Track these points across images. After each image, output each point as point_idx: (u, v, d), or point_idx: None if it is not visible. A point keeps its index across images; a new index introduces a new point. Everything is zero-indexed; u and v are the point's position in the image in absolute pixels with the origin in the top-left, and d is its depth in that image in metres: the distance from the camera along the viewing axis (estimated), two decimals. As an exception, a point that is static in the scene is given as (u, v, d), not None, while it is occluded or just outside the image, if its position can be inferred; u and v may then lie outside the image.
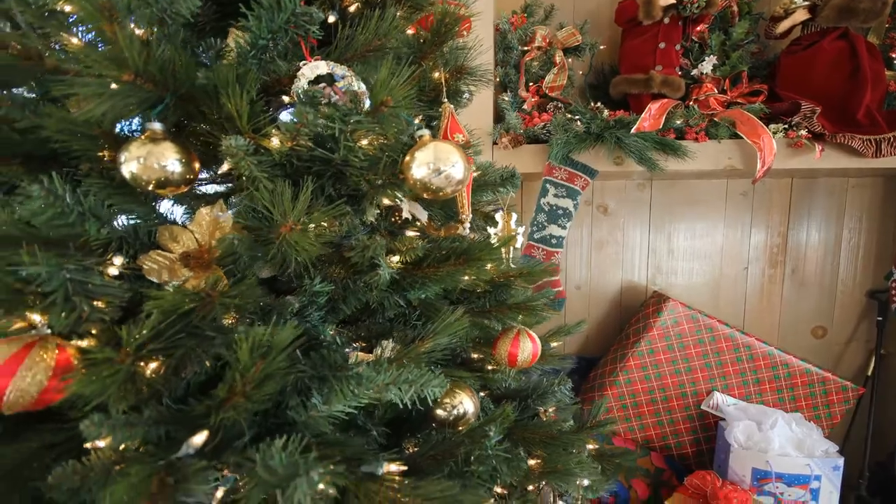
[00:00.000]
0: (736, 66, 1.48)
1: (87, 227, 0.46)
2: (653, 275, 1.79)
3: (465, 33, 0.71)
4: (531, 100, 1.52)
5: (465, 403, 0.69)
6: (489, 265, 0.74)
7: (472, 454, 0.59)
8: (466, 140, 0.67)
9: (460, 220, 0.71)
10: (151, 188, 0.49)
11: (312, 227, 0.51)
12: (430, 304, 0.75)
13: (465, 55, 0.77)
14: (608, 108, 1.43)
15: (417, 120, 0.73)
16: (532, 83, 1.54)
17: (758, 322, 1.76)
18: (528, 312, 0.76)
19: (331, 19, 0.64)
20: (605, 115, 1.39)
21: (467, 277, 0.69)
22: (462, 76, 0.76)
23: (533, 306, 0.76)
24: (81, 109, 0.46)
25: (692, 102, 1.44)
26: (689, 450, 1.55)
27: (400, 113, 0.53)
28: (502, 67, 1.55)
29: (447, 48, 0.71)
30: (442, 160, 0.52)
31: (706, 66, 1.47)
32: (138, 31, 0.50)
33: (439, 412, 0.69)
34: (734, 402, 1.50)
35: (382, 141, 0.55)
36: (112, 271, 0.48)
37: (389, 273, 0.61)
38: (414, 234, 0.71)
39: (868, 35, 1.43)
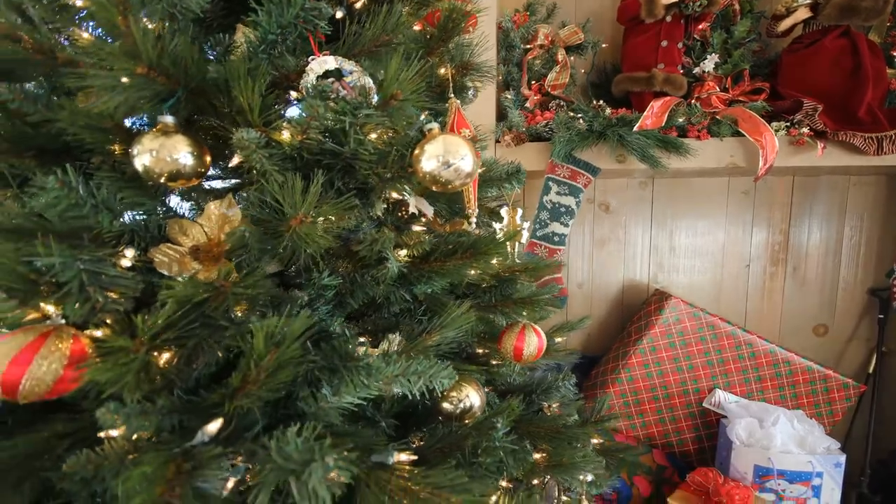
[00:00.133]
0: (738, 64, 1.48)
1: (100, 219, 0.46)
2: (654, 273, 1.79)
3: (471, 29, 0.71)
4: (533, 98, 1.53)
5: (472, 397, 0.70)
6: (495, 260, 0.74)
7: (479, 446, 0.59)
8: (473, 135, 0.67)
9: (466, 214, 0.72)
10: (163, 181, 0.49)
11: (321, 220, 0.52)
12: (436, 299, 0.75)
13: (471, 51, 0.77)
14: (610, 106, 1.43)
15: (423, 115, 0.73)
16: (534, 81, 1.55)
17: (759, 320, 1.76)
18: (534, 307, 0.76)
19: (338, 15, 0.65)
20: (607, 113, 1.40)
21: (473, 272, 0.69)
22: (468, 72, 0.76)
23: (538, 301, 0.76)
24: (93, 103, 0.47)
25: (694, 100, 1.44)
26: (691, 447, 1.55)
27: (409, 106, 0.53)
28: (505, 65, 1.55)
29: (453, 44, 0.72)
30: (451, 153, 0.52)
31: (708, 65, 1.47)
32: (150, 26, 0.51)
33: (446, 406, 0.69)
34: (736, 400, 1.50)
35: (391, 135, 0.56)
36: (124, 263, 0.48)
37: (397, 266, 0.61)
38: (420, 230, 0.71)
39: (869, 33, 1.44)
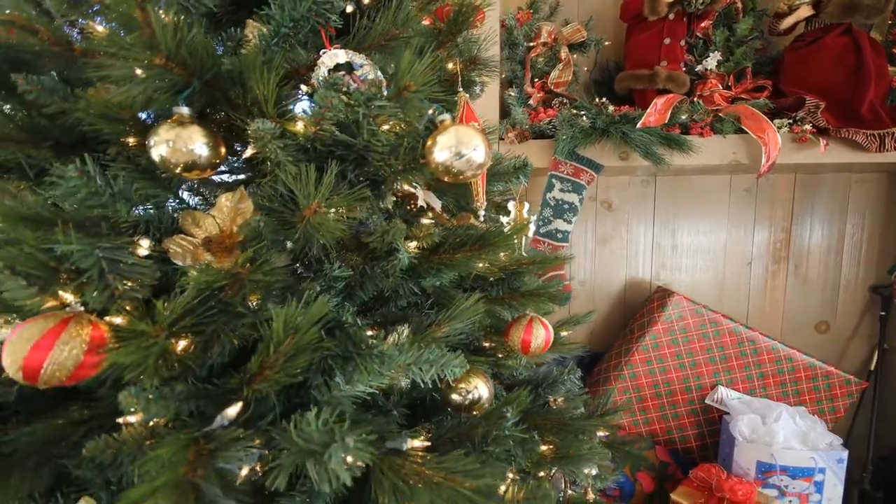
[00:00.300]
0: (740, 62, 1.49)
1: (118, 208, 0.47)
2: (657, 271, 1.80)
3: (479, 24, 0.72)
4: (537, 95, 1.53)
5: (480, 388, 0.70)
6: (503, 253, 0.75)
7: (489, 435, 0.60)
8: (482, 129, 0.68)
9: (475, 207, 0.73)
10: (179, 171, 0.50)
11: (333, 211, 0.52)
12: (443, 292, 0.76)
13: (479, 46, 0.78)
14: (613, 103, 1.44)
15: (432, 110, 0.74)
16: (537, 79, 1.55)
17: (761, 317, 1.77)
18: (541, 300, 0.77)
19: (349, 9, 0.66)
20: (610, 110, 1.40)
21: (482, 264, 0.70)
22: (476, 67, 0.77)
23: (546, 293, 0.77)
24: (112, 93, 0.47)
25: (697, 98, 1.45)
26: (694, 444, 1.56)
27: (422, 98, 0.54)
28: (508, 63, 1.56)
29: (461, 39, 0.73)
30: (464, 143, 0.53)
31: (710, 62, 1.48)
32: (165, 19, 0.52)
33: (454, 397, 0.69)
34: (738, 396, 1.50)
35: (403, 126, 0.56)
36: (141, 252, 0.49)
37: (407, 258, 0.62)
38: (429, 222, 0.72)
39: (871, 31, 1.45)
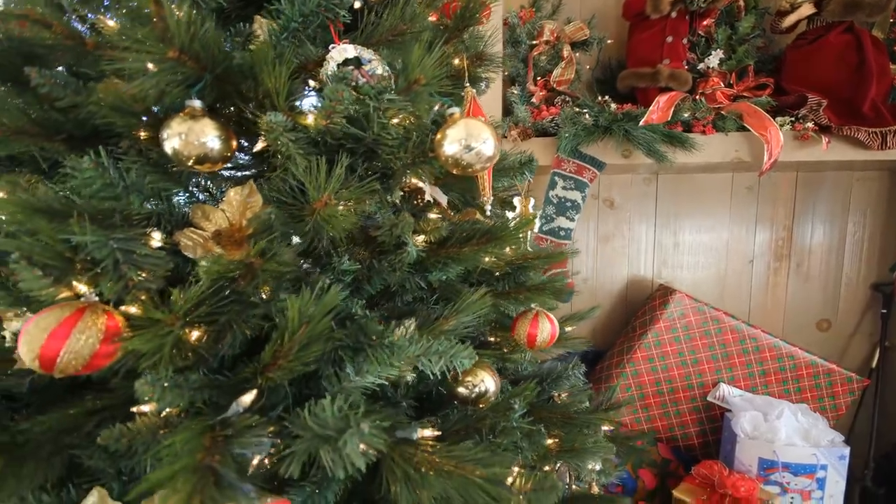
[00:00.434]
0: (742, 60, 1.49)
1: (131, 200, 0.47)
2: (658, 268, 1.80)
3: (486, 20, 0.73)
4: (539, 94, 1.54)
5: (487, 381, 0.71)
6: (508, 248, 0.75)
7: (496, 427, 0.60)
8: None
9: (480, 203, 0.73)
10: (191, 164, 0.50)
11: (343, 204, 0.53)
12: (449, 287, 0.77)
13: (484, 42, 0.78)
14: (615, 101, 1.44)
15: (438, 106, 0.75)
16: (540, 77, 1.56)
17: (763, 315, 1.78)
18: (546, 294, 0.78)
19: (357, 4, 0.66)
20: (612, 108, 1.41)
21: (489, 258, 0.70)
22: (481, 63, 0.78)
23: (551, 287, 0.77)
24: (126, 86, 0.48)
25: (699, 96, 1.45)
26: (696, 441, 1.56)
27: (431, 91, 0.54)
28: (511, 61, 1.56)
29: (468, 34, 0.73)
30: (473, 136, 0.54)
31: (713, 60, 1.49)
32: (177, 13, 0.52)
33: (461, 390, 0.70)
34: (740, 394, 1.51)
35: (413, 120, 0.57)
36: (153, 244, 0.49)
37: (415, 251, 0.63)
38: (436, 216, 0.72)
39: (873, 29, 1.45)
